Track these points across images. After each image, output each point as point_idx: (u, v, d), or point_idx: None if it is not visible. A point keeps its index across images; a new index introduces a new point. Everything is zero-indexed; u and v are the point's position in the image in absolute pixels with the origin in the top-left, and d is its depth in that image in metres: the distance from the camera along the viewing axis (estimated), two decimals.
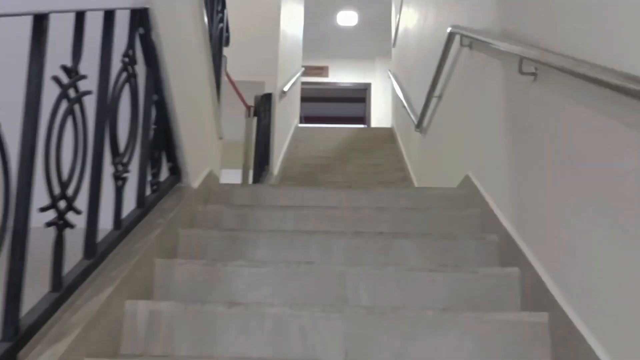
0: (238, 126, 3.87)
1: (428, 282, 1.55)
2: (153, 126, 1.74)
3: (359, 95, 10.58)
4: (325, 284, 1.56)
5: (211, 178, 2.32)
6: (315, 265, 1.59)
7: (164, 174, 1.91)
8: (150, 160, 1.73)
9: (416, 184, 3.99)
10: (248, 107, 3.64)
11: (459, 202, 2.22)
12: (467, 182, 2.29)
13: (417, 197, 2.27)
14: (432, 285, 1.54)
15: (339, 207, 2.16)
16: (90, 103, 1.29)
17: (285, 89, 4.82)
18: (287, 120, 5.38)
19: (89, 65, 1.32)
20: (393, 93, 6.71)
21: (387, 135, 6.12)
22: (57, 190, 1.12)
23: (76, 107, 1.19)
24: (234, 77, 4.35)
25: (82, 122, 1.21)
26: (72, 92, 1.18)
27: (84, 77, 1.21)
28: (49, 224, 1.11)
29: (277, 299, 1.53)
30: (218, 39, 2.65)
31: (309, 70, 9.71)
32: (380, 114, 9.49)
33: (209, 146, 2.36)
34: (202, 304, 1.37)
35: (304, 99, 10.16)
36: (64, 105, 1.15)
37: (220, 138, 2.58)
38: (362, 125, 10.65)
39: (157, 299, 1.53)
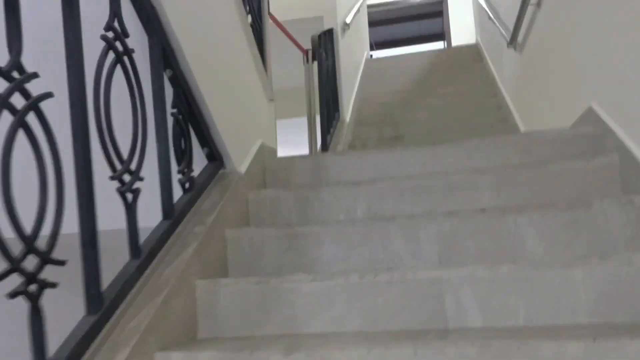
0: (300, 70, 3.46)
1: (562, 283, 1.11)
2: (172, 110, 1.39)
3: (435, 9, 9.63)
4: (415, 298, 1.17)
5: (264, 153, 1.96)
6: (398, 272, 1.20)
7: (200, 164, 1.59)
8: (176, 154, 1.40)
9: (515, 115, 3.39)
10: (305, 52, 3.20)
11: (584, 147, 1.70)
12: (590, 116, 1.75)
13: (525, 145, 1.77)
14: (570, 289, 1.11)
15: (424, 175, 1.73)
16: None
17: (348, 20, 4.28)
18: (354, 55, 4.86)
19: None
20: (475, 4, 5.88)
21: (472, 54, 5.39)
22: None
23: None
24: (284, 16, 3.89)
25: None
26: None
27: (35, 75, 0.87)
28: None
29: (350, 325, 1.18)
30: None
31: None
32: (461, 28, 8.58)
33: (256, 114, 1.99)
34: (250, 351, 1.05)
35: (372, 24, 9.44)
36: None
37: (271, 100, 2.19)
38: (441, 46, 9.76)
39: (203, 335, 1.24)
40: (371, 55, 6.77)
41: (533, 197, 1.51)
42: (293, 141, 6.10)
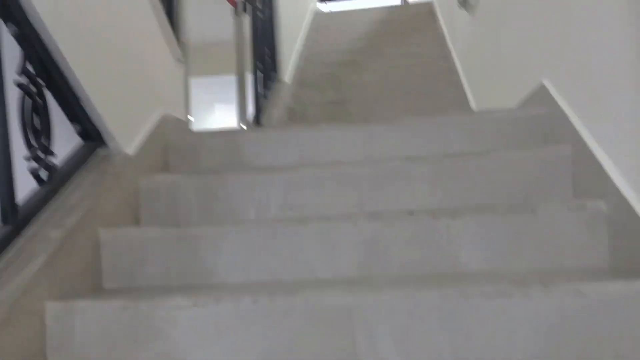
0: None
1: (497, 316, 0.91)
2: (18, 78, 1.07)
3: None
4: (320, 331, 0.95)
5: (166, 126, 1.66)
6: (301, 295, 0.97)
7: (69, 143, 1.28)
8: (25, 135, 1.09)
9: (465, 83, 3.18)
10: (234, 4, 2.84)
11: (533, 132, 1.49)
12: (542, 95, 1.53)
13: (469, 128, 1.55)
14: (506, 323, 0.91)
15: (352, 161, 1.49)
16: None
17: None
18: (299, 7, 4.49)
19: None
20: None
21: (425, 13, 5.11)
22: None
23: None
24: None
25: None
26: None
27: None
28: None
29: None
30: None
31: None
32: None
33: (156, 78, 1.67)
34: None
35: None
36: None
37: (180, 60, 1.87)
38: (397, 2, 9.38)
39: None
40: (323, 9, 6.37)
41: (471, 194, 1.30)
42: (231, 100, 5.75)
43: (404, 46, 4.26)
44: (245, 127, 2.88)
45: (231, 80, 3.96)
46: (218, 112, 7.06)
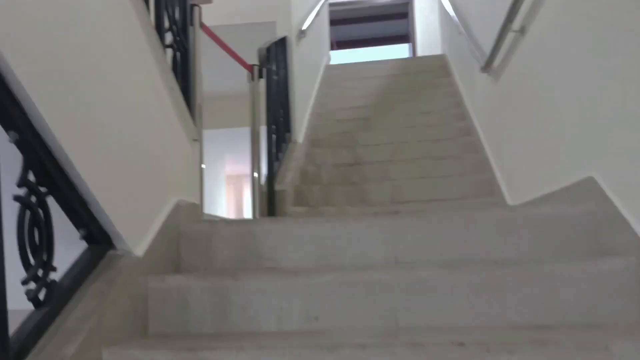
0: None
1: None
2: (20, 191, 0.96)
3: (400, 11, 9.37)
4: None
5: (179, 215, 1.54)
6: None
7: (75, 250, 1.16)
8: (22, 254, 0.97)
9: (486, 147, 3.07)
10: (249, 68, 2.77)
11: (583, 234, 1.36)
12: (591, 189, 1.41)
13: (510, 228, 1.41)
14: None
15: (381, 267, 1.36)
16: None
17: (305, 26, 3.87)
18: (311, 64, 4.46)
19: None
20: (442, 11, 5.58)
21: (438, 67, 5.08)
22: None
23: None
24: (231, 21, 3.46)
25: None
26: None
27: None
28: None
29: None
30: None
31: None
32: (428, 31, 8.34)
33: (170, 164, 1.56)
34: None
35: (334, 22, 9.07)
36: None
37: (195, 140, 1.77)
38: (406, 49, 9.49)
39: None
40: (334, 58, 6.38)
41: (522, 313, 1.15)
42: (240, 150, 5.64)
43: (418, 103, 4.18)
44: (257, 193, 2.76)
45: (241, 132, 3.89)
46: (228, 163, 7.01)
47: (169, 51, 1.69)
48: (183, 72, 1.79)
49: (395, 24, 10.24)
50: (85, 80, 1.10)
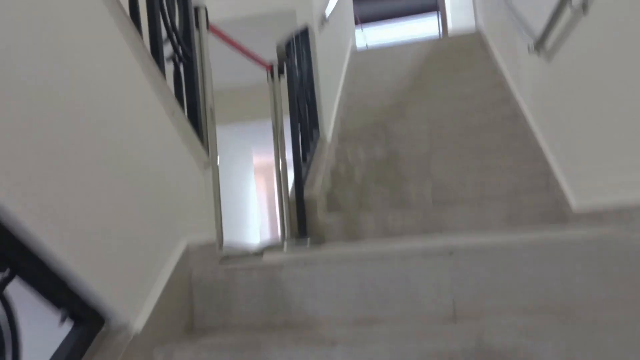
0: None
1: None
2: None
3: None
4: None
5: (190, 262, 1.31)
6: None
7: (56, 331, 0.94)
8: None
9: (539, 135, 2.73)
10: (268, 67, 2.51)
11: None
12: None
13: (603, 261, 1.13)
14: None
15: (439, 315, 1.10)
16: None
17: (328, 12, 3.57)
18: (337, 52, 4.16)
19: None
20: None
21: (473, 45, 4.70)
22: None
23: None
24: (248, 11, 3.20)
25: None
26: None
27: None
28: None
29: None
30: None
31: None
32: (459, 2, 7.87)
33: (178, 201, 1.32)
34: None
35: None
36: None
37: (208, 164, 1.52)
38: (435, 28, 9.03)
39: None
40: (365, 45, 6.03)
41: None
42: (269, 142, 5.41)
43: (454, 86, 3.85)
44: (285, 205, 2.52)
45: (267, 124, 3.65)
46: (256, 155, 6.80)
47: (169, 66, 1.45)
48: (188, 87, 1.55)
49: None
50: (51, 117, 0.87)
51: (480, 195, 2.67)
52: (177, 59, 1.51)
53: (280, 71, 2.50)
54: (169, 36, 1.46)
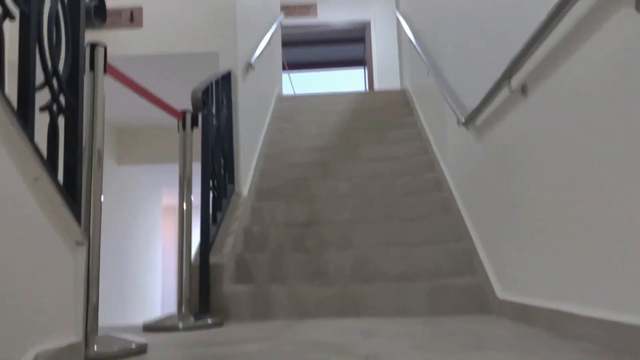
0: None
1: None
2: None
3: (357, 35, 9.04)
4: None
5: None
6: None
7: None
8: None
9: (463, 211, 2.63)
10: (179, 115, 2.23)
11: None
12: None
13: None
14: None
15: None
16: None
17: (253, 59, 3.37)
18: (261, 98, 3.96)
19: None
20: (401, 40, 5.22)
21: (400, 103, 4.69)
22: None
23: None
24: (170, 49, 2.95)
25: None
26: None
27: None
28: None
29: None
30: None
31: (291, 10, 8.15)
32: (385, 57, 8.03)
33: (27, 299, 1.00)
34: None
35: (287, 44, 8.65)
36: None
37: (80, 244, 1.22)
38: (361, 77, 9.17)
39: None
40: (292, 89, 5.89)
41: None
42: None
43: (381, 145, 3.75)
44: (186, 271, 2.21)
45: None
46: (167, 197, 6.37)
47: (43, 117, 1.15)
48: (69, 144, 1.25)
49: (351, 49, 9.95)
50: None
51: (402, 272, 2.50)
52: (55, 110, 1.21)
53: (194, 122, 2.23)
54: (47, 83, 1.17)
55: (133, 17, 3.10)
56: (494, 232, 2.18)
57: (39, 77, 1.12)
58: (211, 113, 2.48)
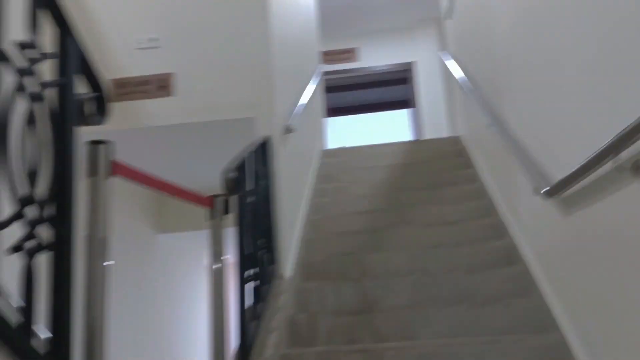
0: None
1: None
2: None
3: (401, 77, 8.76)
4: None
5: None
6: None
7: None
8: None
9: (542, 285, 2.21)
10: (209, 202, 1.93)
11: None
12: None
13: None
14: None
15: None
16: None
17: (293, 121, 3.10)
18: (303, 161, 3.68)
19: None
20: (450, 84, 4.86)
21: (453, 154, 4.32)
22: None
23: None
24: (202, 117, 2.73)
25: None
26: None
27: None
28: None
29: None
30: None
31: (331, 56, 7.98)
32: (433, 99, 7.69)
33: None
34: None
35: (327, 89, 8.50)
36: None
37: None
38: (411, 139, 8.83)
39: None
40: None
41: None
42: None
43: (437, 205, 3.38)
44: None
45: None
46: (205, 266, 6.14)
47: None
48: (57, 286, 0.96)
49: (395, 90, 9.68)
50: None
51: None
52: (32, 248, 0.93)
53: (226, 207, 1.94)
54: (19, 215, 0.90)
55: (163, 85, 2.90)
56: (603, 329, 1.76)
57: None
58: (246, 192, 2.20)
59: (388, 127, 9.98)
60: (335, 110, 9.84)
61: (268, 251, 2.52)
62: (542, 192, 1.95)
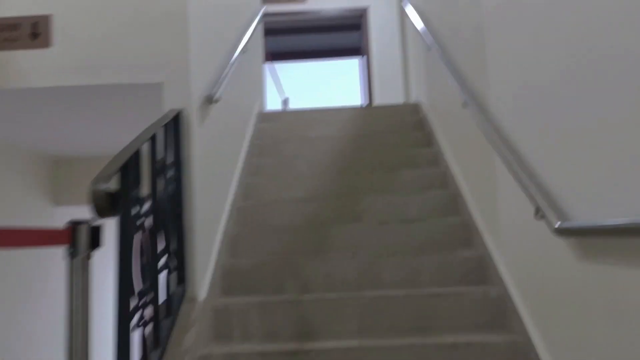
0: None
1: None
2: None
3: (352, 22, 8.04)
4: None
5: None
6: None
7: None
8: None
9: (525, 317, 1.74)
10: (66, 239, 1.26)
11: None
12: None
13: None
14: None
15: None
16: None
17: (219, 89, 2.40)
18: (232, 132, 3.00)
19: None
20: (412, 39, 4.22)
21: (412, 125, 3.76)
22: None
23: None
24: (90, 80, 2.03)
25: None
26: None
27: None
28: None
29: None
30: None
31: None
32: (384, 45, 7.07)
33: None
34: None
35: (269, 33, 7.71)
36: None
37: None
38: (360, 104, 8.17)
39: None
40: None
41: None
42: None
43: (393, 197, 2.84)
44: None
45: None
46: None
47: None
48: None
49: (345, 36, 8.96)
50: None
51: None
52: None
53: (95, 241, 1.29)
54: None
55: (37, 32, 2.13)
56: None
57: None
58: (135, 201, 1.55)
59: (338, 78, 9.34)
60: (275, 55, 9.02)
61: (175, 269, 1.91)
62: (556, 226, 1.42)
